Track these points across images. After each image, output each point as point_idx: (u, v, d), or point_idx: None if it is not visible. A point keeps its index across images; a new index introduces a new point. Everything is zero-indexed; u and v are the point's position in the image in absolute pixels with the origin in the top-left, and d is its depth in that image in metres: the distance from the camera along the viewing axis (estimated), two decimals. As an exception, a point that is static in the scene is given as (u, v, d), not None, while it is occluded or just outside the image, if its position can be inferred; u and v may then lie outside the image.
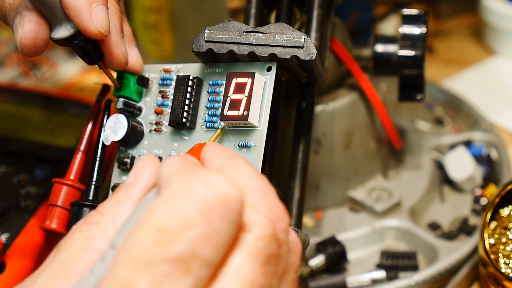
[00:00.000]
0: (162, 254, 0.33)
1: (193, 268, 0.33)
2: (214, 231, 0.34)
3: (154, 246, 0.33)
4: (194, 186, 0.35)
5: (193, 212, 0.34)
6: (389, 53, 0.68)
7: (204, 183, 0.35)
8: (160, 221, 0.34)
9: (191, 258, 0.33)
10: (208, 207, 0.34)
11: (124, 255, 0.33)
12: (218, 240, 0.34)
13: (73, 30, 0.49)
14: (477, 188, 0.74)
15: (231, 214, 0.35)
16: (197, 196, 0.34)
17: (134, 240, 0.34)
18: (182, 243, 0.33)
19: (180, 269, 0.33)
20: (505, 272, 0.59)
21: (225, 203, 0.35)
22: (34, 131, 0.75)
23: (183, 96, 0.53)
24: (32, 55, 0.50)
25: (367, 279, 0.64)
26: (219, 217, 0.34)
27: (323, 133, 0.68)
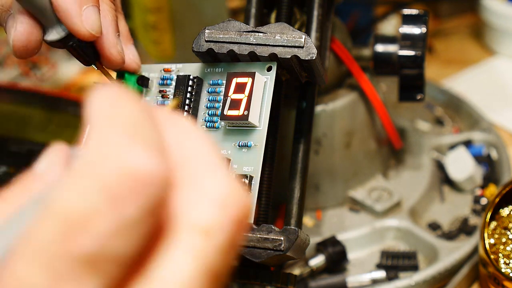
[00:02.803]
0: (65, 249, 0.27)
1: (101, 266, 0.27)
2: (126, 222, 0.27)
3: (56, 239, 0.27)
4: (102, 161, 0.27)
5: (99, 199, 0.27)
6: (389, 53, 0.68)
7: (113, 158, 0.27)
8: (63, 209, 0.27)
9: (99, 255, 0.27)
10: (116, 191, 0.27)
11: (23, 248, 0.27)
12: (134, 233, 0.27)
13: (64, 32, 0.50)
14: (477, 188, 0.74)
15: (149, 200, 0.28)
16: (103, 176, 0.27)
17: (34, 230, 0.27)
18: (88, 236, 0.27)
19: (86, 267, 0.27)
20: (505, 272, 0.59)
21: (140, 185, 0.27)
22: (34, 131, 0.75)
23: (183, 95, 0.53)
24: (25, 57, 0.50)
25: (367, 279, 0.64)
26: (132, 204, 0.27)
27: (323, 133, 0.68)
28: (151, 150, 0.28)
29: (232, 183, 0.29)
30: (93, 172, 0.27)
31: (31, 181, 0.34)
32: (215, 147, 0.30)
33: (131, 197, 0.27)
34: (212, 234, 0.29)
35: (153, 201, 0.28)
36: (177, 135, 0.30)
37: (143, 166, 0.27)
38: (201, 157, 0.30)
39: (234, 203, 0.29)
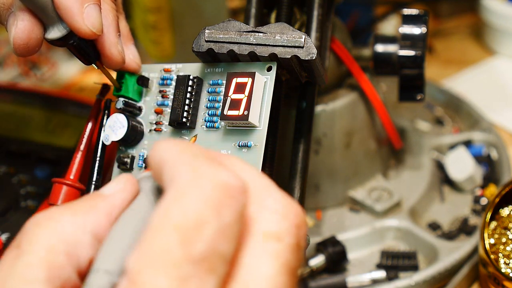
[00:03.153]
0: (185, 254, 0.32)
1: (216, 265, 0.33)
2: (228, 225, 0.33)
3: (176, 247, 0.32)
4: (201, 181, 0.34)
5: (205, 208, 0.33)
6: (389, 53, 0.68)
7: (210, 177, 0.34)
8: (175, 221, 0.33)
9: (212, 255, 0.33)
10: (218, 201, 0.34)
11: (145, 259, 0.32)
12: (232, 234, 0.34)
13: (65, 30, 0.49)
14: (477, 188, 0.74)
15: (239, 206, 0.34)
16: (205, 191, 0.34)
17: (152, 243, 0.32)
18: (202, 240, 0.32)
19: (204, 268, 0.32)
20: (505, 272, 0.59)
21: (232, 196, 0.34)
22: (34, 131, 0.75)
23: (183, 95, 0.53)
24: (26, 55, 0.50)
25: (367, 279, 0.64)
26: (229, 210, 0.34)
27: (323, 133, 0.68)
28: (231, 170, 0.35)
29: (287, 199, 0.37)
30: (194, 188, 0.34)
31: (98, 200, 0.38)
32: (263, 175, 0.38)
33: (228, 204, 0.34)
34: (282, 238, 0.35)
35: (241, 207, 0.35)
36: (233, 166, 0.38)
37: (232, 180, 0.35)
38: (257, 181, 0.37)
39: (292, 213, 0.36)
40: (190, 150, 0.37)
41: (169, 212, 0.33)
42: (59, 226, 0.36)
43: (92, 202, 0.38)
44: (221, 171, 0.35)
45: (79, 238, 0.36)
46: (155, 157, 0.37)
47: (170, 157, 0.36)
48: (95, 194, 0.39)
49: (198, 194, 0.34)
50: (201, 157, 0.36)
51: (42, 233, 0.36)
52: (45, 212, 0.37)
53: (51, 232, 0.36)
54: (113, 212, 0.38)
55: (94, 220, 0.37)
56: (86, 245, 0.36)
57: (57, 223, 0.36)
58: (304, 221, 0.37)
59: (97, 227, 0.37)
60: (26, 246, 0.35)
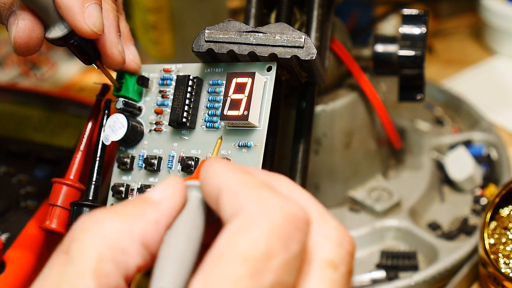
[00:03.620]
0: (254, 285, 0.33)
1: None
2: (293, 256, 0.34)
3: (244, 278, 0.33)
4: (269, 212, 0.35)
5: (274, 240, 0.34)
6: (389, 53, 0.68)
7: (278, 208, 0.35)
8: (244, 252, 0.33)
9: (278, 286, 0.33)
10: (286, 233, 0.34)
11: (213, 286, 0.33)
12: (295, 264, 0.34)
13: (66, 30, 0.49)
14: (477, 188, 0.74)
15: (303, 237, 0.35)
16: (274, 222, 0.34)
17: (220, 272, 0.33)
18: (270, 272, 0.33)
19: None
20: (505, 272, 0.59)
21: (299, 227, 0.35)
22: (34, 131, 0.75)
23: (183, 96, 0.53)
24: (26, 54, 0.50)
25: (367, 279, 0.64)
26: (295, 241, 0.34)
27: (323, 133, 0.68)
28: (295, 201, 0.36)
29: (341, 227, 0.38)
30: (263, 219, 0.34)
31: (147, 207, 0.38)
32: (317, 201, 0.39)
33: (295, 236, 0.35)
34: (338, 266, 0.36)
35: (305, 238, 0.35)
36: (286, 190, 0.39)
37: (299, 212, 0.35)
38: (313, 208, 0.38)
39: (346, 241, 0.37)
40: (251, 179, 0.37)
41: (238, 241, 0.34)
42: (107, 233, 0.36)
43: (141, 208, 0.38)
44: (288, 203, 0.35)
45: (127, 245, 0.36)
46: (210, 182, 0.38)
47: (230, 185, 0.37)
48: (143, 199, 0.38)
49: (267, 225, 0.34)
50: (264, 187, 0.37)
51: (91, 240, 0.36)
52: (92, 216, 0.37)
53: (100, 239, 0.36)
54: (162, 220, 0.38)
55: (142, 228, 0.37)
56: (133, 253, 0.36)
57: (105, 229, 0.36)
58: (355, 248, 0.38)
59: (145, 235, 0.37)
60: (75, 254, 0.35)
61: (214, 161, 0.39)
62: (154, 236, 0.37)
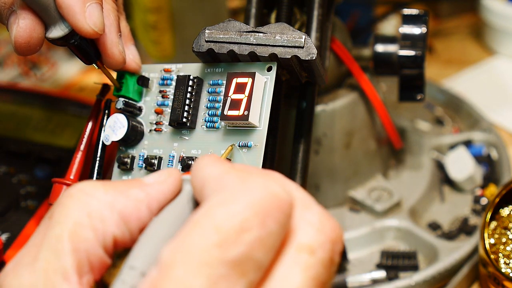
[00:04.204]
0: (221, 256, 0.33)
1: (248, 271, 0.33)
2: (269, 234, 0.34)
3: (213, 247, 0.33)
4: (251, 189, 0.35)
5: (251, 215, 0.34)
6: (389, 53, 0.68)
7: (261, 186, 0.35)
8: (218, 223, 0.33)
9: (247, 261, 0.33)
10: (265, 210, 0.34)
11: (180, 254, 0.33)
12: (271, 244, 0.34)
13: (67, 29, 0.49)
14: (477, 188, 0.74)
15: (284, 218, 0.35)
16: (254, 198, 0.34)
17: (191, 240, 0.33)
18: (240, 245, 0.33)
19: (237, 272, 0.33)
20: (505, 272, 0.59)
21: (280, 207, 0.35)
22: (34, 131, 0.75)
23: (183, 96, 0.53)
24: (27, 54, 0.50)
25: (367, 279, 0.64)
26: (274, 220, 0.34)
27: (323, 133, 0.68)
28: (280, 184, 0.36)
29: (326, 214, 0.38)
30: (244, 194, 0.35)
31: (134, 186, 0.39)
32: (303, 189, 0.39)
33: (274, 214, 0.35)
34: (315, 251, 0.36)
35: (286, 219, 0.35)
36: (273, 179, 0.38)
37: (281, 192, 0.35)
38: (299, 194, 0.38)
39: (329, 228, 0.37)
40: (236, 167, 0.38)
41: (213, 213, 0.34)
42: (89, 200, 0.37)
43: (128, 185, 0.39)
44: (272, 183, 0.36)
45: (105, 214, 0.37)
46: (197, 174, 0.38)
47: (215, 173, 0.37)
48: (135, 180, 0.40)
49: (246, 200, 0.34)
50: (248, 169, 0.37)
51: (72, 205, 0.37)
52: (80, 185, 0.39)
53: (81, 205, 0.37)
54: (145, 201, 0.39)
55: (123, 202, 0.38)
56: (111, 223, 0.37)
57: (87, 197, 0.38)
58: (341, 236, 0.38)
59: (125, 209, 0.38)
60: (57, 218, 0.37)
61: (204, 157, 0.40)
62: (134, 213, 0.38)
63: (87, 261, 0.36)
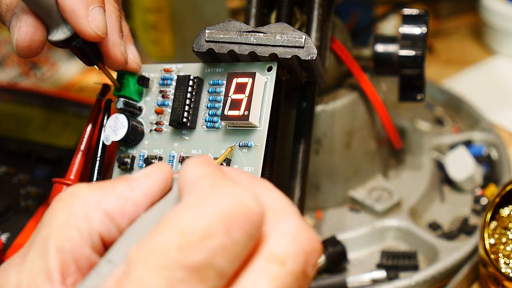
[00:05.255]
0: (181, 259, 0.33)
1: (208, 277, 0.33)
2: (233, 243, 0.34)
3: (174, 250, 0.33)
4: (219, 196, 0.35)
5: (215, 222, 0.33)
6: (389, 53, 0.68)
7: (229, 194, 0.35)
8: (182, 226, 0.33)
9: (208, 268, 0.33)
10: (231, 218, 0.34)
11: (143, 253, 0.33)
12: (235, 253, 0.34)
13: (70, 32, 0.49)
14: (477, 188, 0.74)
15: (252, 229, 0.34)
16: (221, 206, 0.34)
17: (154, 240, 0.33)
18: (202, 251, 0.33)
19: (196, 277, 0.33)
20: (505, 272, 0.59)
21: (248, 216, 0.34)
22: (34, 131, 0.75)
23: (183, 96, 0.53)
24: (28, 56, 0.50)
25: (367, 279, 0.64)
26: (240, 230, 0.34)
27: (323, 133, 0.68)
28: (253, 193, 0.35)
29: (303, 225, 0.36)
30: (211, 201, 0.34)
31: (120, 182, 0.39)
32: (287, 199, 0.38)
33: (240, 224, 0.34)
34: (285, 262, 0.35)
35: (254, 229, 0.34)
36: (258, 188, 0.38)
37: (250, 202, 0.35)
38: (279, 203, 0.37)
39: (304, 239, 0.35)
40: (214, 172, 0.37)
41: (180, 216, 0.34)
42: (74, 201, 0.38)
43: (113, 183, 0.39)
44: (241, 191, 0.35)
45: (90, 213, 0.38)
46: (180, 176, 0.38)
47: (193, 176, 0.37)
48: (123, 177, 0.40)
49: (213, 207, 0.34)
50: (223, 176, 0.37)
51: (60, 207, 0.38)
52: (69, 188, 0.39)
53: (67, 207, 0.38)
54: (130, 196, 0.39)
55: (108, 200, 0.38)
56: (96, 221, 0.38)
57: (73, 198, 0.38)
58: (317, 249, 0.36)
59: (110, 206, 0.38)
60: (45, 221, 0.38)
61: (193, 158, 0.39)
62: (119, 210, 0.38)
63: (73, 261, 0.37)
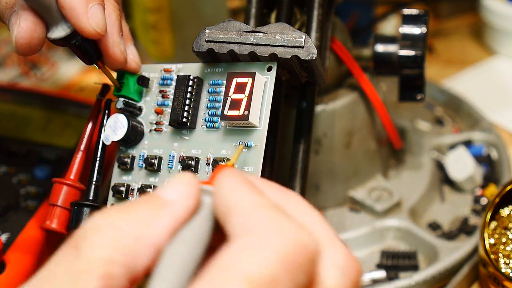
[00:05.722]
0: None
1: None
2: (297, 286, 0.33)
3: None
4: (279, 236, 0.34)
5: (281, 267, 0.33)
6: (389, 53, 0.68)
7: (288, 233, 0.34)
8: (249, 272, 0.32)
9: None
10: (295, 261, 0.33)
11: None
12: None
13: (69, 30, 0.49)
14: (477, 188, 0.74)
15: (311, 267, 0.34)
16: (284, 248, 0.33)
17: (221, 286, 0.32)
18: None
19: None
20: (505, 272, 0.59)
21: (308, 256, 0.34)
22: (34, 131, 0.75)
23: (183, 96, 0.53)
24: (28, 54, 0.50)
25: (367, 279, 0.64)
26: (301, 271, 0.34)
27: (323, 133, 0.68)
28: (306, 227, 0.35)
29: (349, 254, 0.37)
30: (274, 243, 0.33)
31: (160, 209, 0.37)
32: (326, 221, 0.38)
33: (303, 266, 0.34)
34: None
35: (314, 268, 0.35)
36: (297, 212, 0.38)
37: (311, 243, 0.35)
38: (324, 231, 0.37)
39: (353, 269, 0.36)
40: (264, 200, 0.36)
41: (244, 260, 0.33)
42: (119, 235, 0.35)
43: (154, 210, 0.36)
44: (301, 231, 0.35)
45: (138, 250, 0.35)
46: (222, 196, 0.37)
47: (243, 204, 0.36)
48: (156, 199, 0.37)
49: (278, 251, 0.33)
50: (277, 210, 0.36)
51: (102, 241, 0.35)
52: (105, 216, 0.36)
53: (111, 241, 0.35)
54: (175, 225, 0.37)
55: (155, 233, 0.36)
56: (144, 257, 0.35)
57: (117, 231, 0.35)
58: (360, 277, 0.37)
59: (158, 240, 0.36)
60: (85, 252, 0.35)
61: (230, 174, 0.38)
62: (166, 239, 0.36)
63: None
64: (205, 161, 0.52)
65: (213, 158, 0.51)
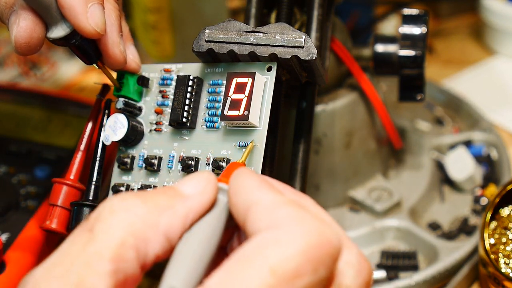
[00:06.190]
0: None
1: None
2: (319, 281, 0.34)
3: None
4: (307, 233, 0.35)
5: (305, 261, 0.34)
6: (389, 53, 0.68)
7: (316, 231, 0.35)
8: (273, 264, 0.33)
9: None
10: (319, 257, 0.34)
11: None
12: None
13: (69, 29, 0.49)
14: (477, 188, 0.74)
15: (333, 263, 0.35)
16: (310, 244, 0.34)
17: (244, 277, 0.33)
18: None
19: None
20: (505, 272, 0.59)
21: (331, 253, 0.35)
22: (34, 131, 0.75)
23: (183, 96, 0.53)
24: (27, 54, 0.50)
25: (367, 279, 0.64)
26: (324, 267, 0.34)
27: (323, 133, 0.68)
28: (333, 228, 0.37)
29: (362, 255, 0.38)
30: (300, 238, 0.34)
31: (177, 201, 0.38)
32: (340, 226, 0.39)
33: (326, 261, 0.34)
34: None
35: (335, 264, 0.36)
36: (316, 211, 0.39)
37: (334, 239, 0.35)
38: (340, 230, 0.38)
39: (366, 270, 0.38)
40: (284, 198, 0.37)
41: (269, 252, 0.33)
42: (133, 219, 0.36)
43: (170, 201, 0.38)
44: (325, 227, 0.35)
45: (150, 236, 0.36)
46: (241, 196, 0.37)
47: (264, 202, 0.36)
48: (173, 191, 0.38)
49: (303, 245, 0.34)
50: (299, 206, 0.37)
51: (117, 224, 0.36)
52: (121, 200, 0.37)
53: (125, 225, 0.36)
54: (189, 216, 0.38)
55: (169, 221, 0.37)
56: (155, 243, 0.36)
57: (132, 216, 0.36)
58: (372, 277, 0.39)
59: (171, 228, 0.37)
60: (99, 234, 0.35)
61: (246, 173, 0.38)
62: (179, 230, 0.37)
63: (123, 281, 0.35)
64: (205, 161, 0.52)
65: (213, 158, 0.51)
